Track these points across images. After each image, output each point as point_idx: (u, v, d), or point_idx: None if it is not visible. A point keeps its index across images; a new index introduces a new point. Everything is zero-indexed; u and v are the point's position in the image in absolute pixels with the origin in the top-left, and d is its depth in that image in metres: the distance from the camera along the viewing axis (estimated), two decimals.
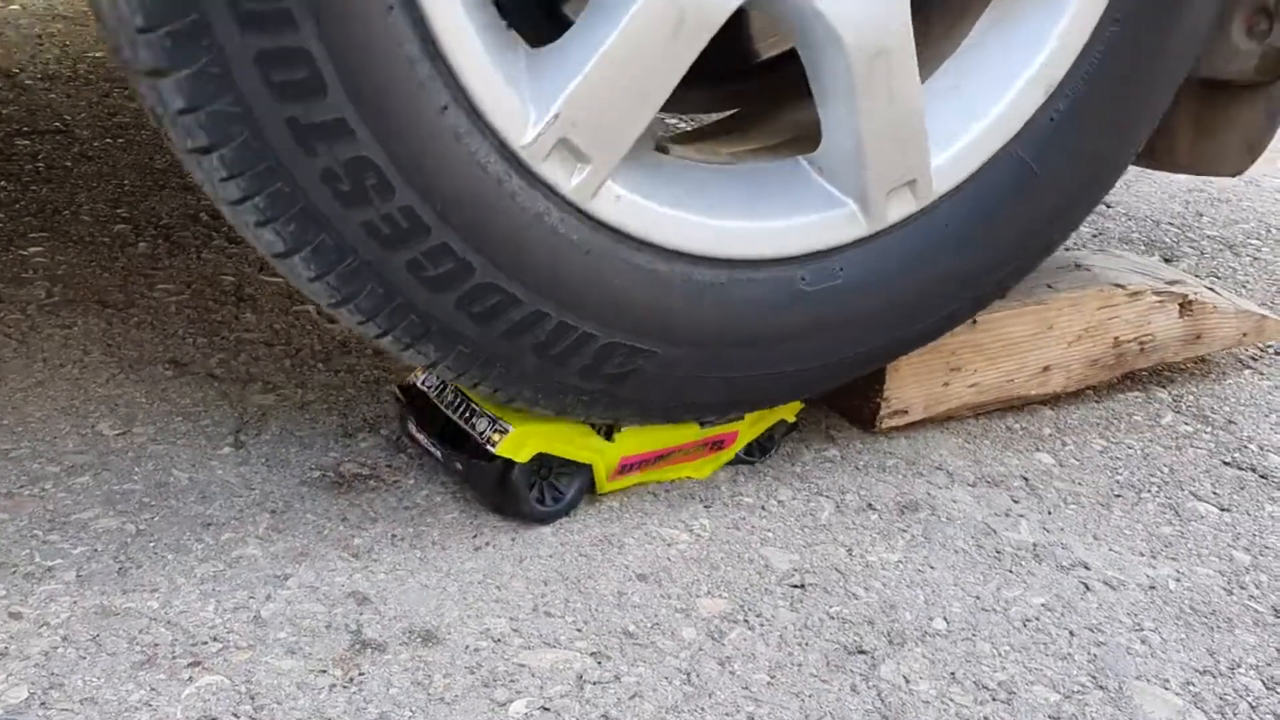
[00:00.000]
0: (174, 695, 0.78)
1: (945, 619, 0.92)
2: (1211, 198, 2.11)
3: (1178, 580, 0.99)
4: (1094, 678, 0.87)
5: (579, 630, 0.87)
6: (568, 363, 0.90)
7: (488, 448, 0.95)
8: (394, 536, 0.96)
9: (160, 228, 1.53)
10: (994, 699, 0.84)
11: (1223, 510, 1.11)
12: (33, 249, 1.45)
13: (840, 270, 0.97)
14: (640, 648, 0.86)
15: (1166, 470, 1.17)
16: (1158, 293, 1.28)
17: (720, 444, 1.07)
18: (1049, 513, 1.08)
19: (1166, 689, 0.86)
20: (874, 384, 1.14)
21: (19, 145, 1.80)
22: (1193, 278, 1.37)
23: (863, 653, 0.87)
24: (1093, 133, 1.04)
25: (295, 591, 0.89)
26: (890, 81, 0.90)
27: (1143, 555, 1.02)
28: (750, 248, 0.93)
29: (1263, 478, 1.17)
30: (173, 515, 0.97)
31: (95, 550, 0.91)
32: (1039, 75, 0.98)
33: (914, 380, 1.15)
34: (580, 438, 0.99)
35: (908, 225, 0.99)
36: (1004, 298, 1.23)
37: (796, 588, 0.94)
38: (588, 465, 0.99)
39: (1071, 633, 0.91)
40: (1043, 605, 0.94)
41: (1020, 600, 0.95)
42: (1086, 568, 1.00)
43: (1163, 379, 1.36)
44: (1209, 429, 1.26)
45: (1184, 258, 1.79)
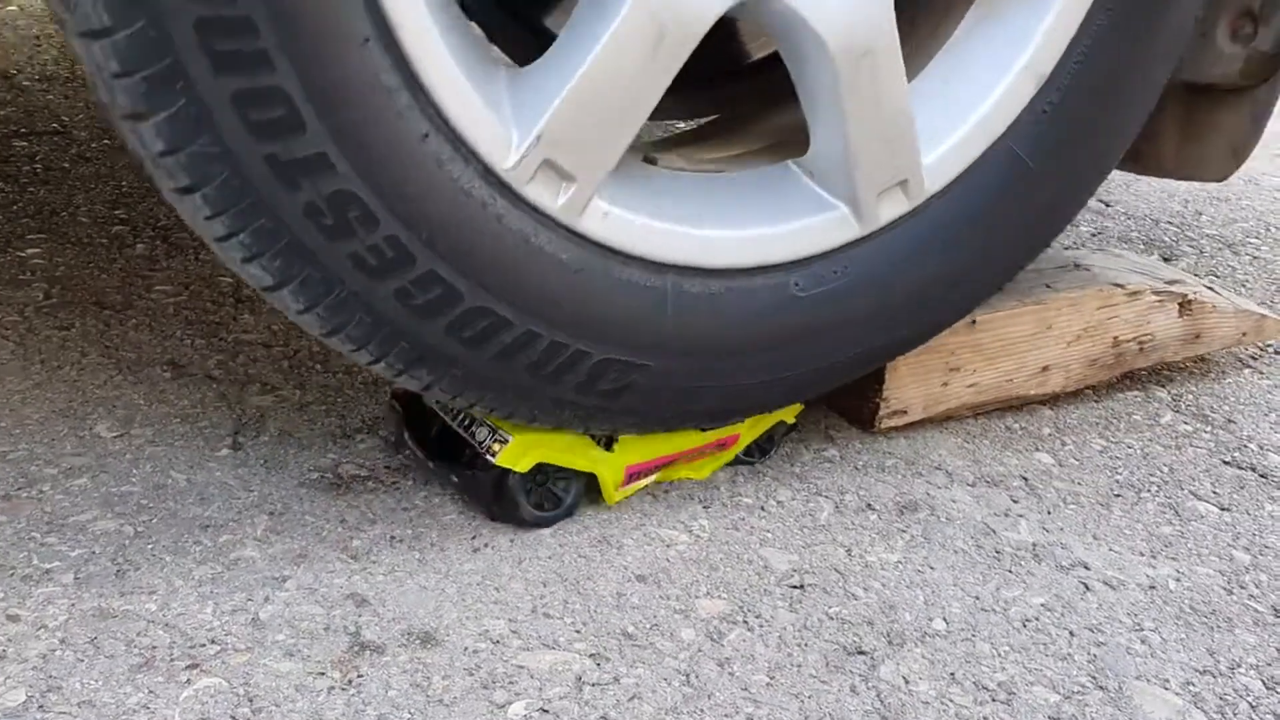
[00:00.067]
0: (172, 698, 0.78)
1: (945, 619, 0.92)
2: (1211, 196, 2.11)
3: (1178, 580, 0.99)
4: (1094, 678, 0.87)
5: (578, 632, 0.87)
6: (562, 380, 0.90)
7: (487, 457, 0.95)
8: (392, 538, 0.96)
9: (158, 229, 1.53)
10: (994, 699, 0.84)
11: (1223, 510, 1.10)
12: (30, 250, 1.45)
13: (834, 274, 0.97)
14: (639, 649, 0.86)
15: (1166, 470, 1.17)
16: (1157, 292, 1.28)
17: (722, 446, 1.07)
18: (1048, 512, 1.08)
19: (1166, 689, 0.86)
20: (873, 384, 1.14)
21: (17, 146, 1.80)
22: (1192, 277, 1.37)
23: (862, 653, 0.87)
24: (1086, 124, 1.03)
25: (293, 593, 0.89)
26: (876, 83, 0.90)
27: (1142, 555, 1.02)
28: (742, 256, 0.93)
29: (1263, 477, 1.17)
30: (171, 517, 0.96)
31: (93, 552, 0.91)
32: (1029, 67, 0.97)
33: (913, 380, 1.15)
34: (581, 447, 0.99)
35: (901, 225, 0.98)
36: (1000, 292, 1.23)
37: (796, 588, 0.94)
38: (587, 471, 0.99)
39: (1071, 633, 0.91)
40: (1042, 605, 0.94)
41: (1020, 600, 0.95)
42: (1086, 568, 0.99)
43: (1162, 378, 1.36)
44: (1209, 428, 1.26)
45: (1183, 257, 1.79)
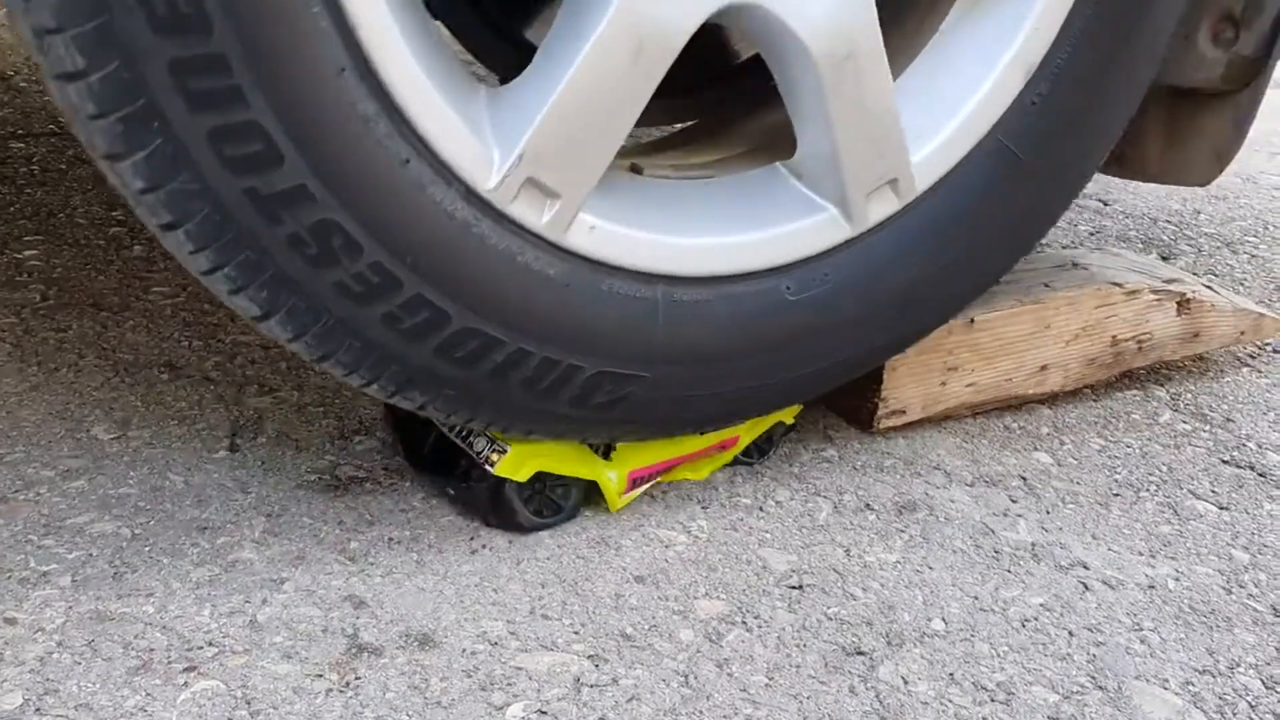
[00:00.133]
0: (169, 700, 0.77)
1: (944, 619, 0.91)
2: (1209, 195, 2.11)
3: (1177, 579, 0.99)
4: (1093, 678, 0.86)
5: (576, 633, 0.87)
6: (557, 395, 0.90)
7: (486, 468, 0.95)
8: (390, 540, 0.96)
9: None
10: (993, 700, 0.83)
11: (1221, 509, 1.10)
12: (28, 252, 1.44)
13: (826, 276, 0.96)
14: (638, 650, 0.86)
15: (1165, 469, 1.17)
16: (1155, 291, 1.28)
17: (723, 447, 1.06)
18: (1047, 512, 1.07)
19: (1166, 689, 0.86)
20: (871, 384, 1.14)
21: (14, 148, 1.80)
22: (1190, 276, 1.37)
23: (861, 654, 0.87)
24: (1075, 115, 1.02)
25: (291, 595, 0.88)
26: (861, 84, 0.89)
27: (1141, 554, 1.02)
28: (732, 263, 0.92)
29: (1261, 476, 1.17)
30: (168, 519, 0.96)
31: (90, 555, 0.91)
32: (1017, 59, 0.96)
33: (911, 380, 1.15)
34: (581, 454, 0.98)
35: (892, 223, 0.98)
36: (998, 291, 1.23)
37: (794, 589, 0.94)
38: (589, 479, 0.99)
39: (1070, 633, 0.91)
40: (1041, 605, 0.94)
41: (1019, 600, 0.94)
42: (1085, 567, 0.99)
43: (1161, 377, 1.36)
44: (1207, 427, 1.26)
45: (1182, 255, 1.78)
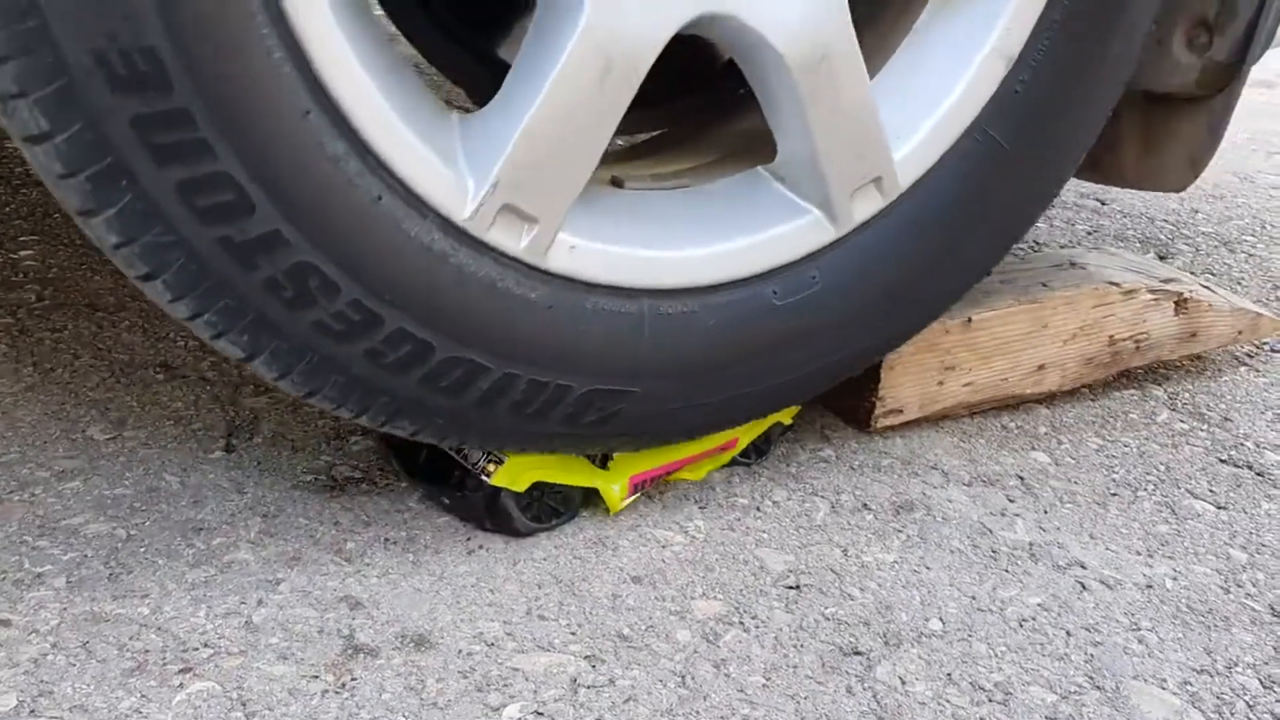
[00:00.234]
0: (165, 702, 0.77)
1: (941, 619, 0.91)
2: (1206, 194, 2.11)
3: (1175, 579, 0.99)
4: (1091, 678, 0.86)
5: (573, 633, 0.87)
6: (548, 416, 0.89)
7: (482, 478, 0.94)
8: (386, 540, 0.96)
9: None
10: (990, 700, 0.83)
11: (1219, 508, 1.10)
12: (23, 252, 1.44)
13: (813, 278, 0.95)
14: (635, 651, 0.85)
15: (1163, 468, 1.16)
16: (1153, 291, 1.27)
17: (722, 449, 1.06)
18: (1045, 512, 1.07)
19: (1164, 688, 0.86)
20: (868, 384, 1.14)
21: (8, 148, 1.79)
22: (1188, 276, 1.37)
23: (858, 654, 0.87)
24: (1059, 102, 1.01)
25: (287, 596, 0.88)
26: (837, 86, 0.88)
27: (1139, 554, 1.02)
28: (716, 271, 0.92)
29: (1259, 475, 1.16)
30: (164, 520, 0.96)
31: (85, 556, 0.91)
32: (997, 49, 0.95)
33: (908, 380, 1.15)
34: (579, 463, 0.98)
35: (878, 222, 0.97)
36: (995, 291, 1.23)
37: (792, 589, 0.94)
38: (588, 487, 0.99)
39: (1068, 633, 0.91)
40: (1039, 605, 0.94)
41: (1016, 600, 0.94)
42: (1083, 567, 0.99)
43: (1158, 376, 1.36)
44: (1205, 426, 1.25)
45: (1179, 254, 1.78)
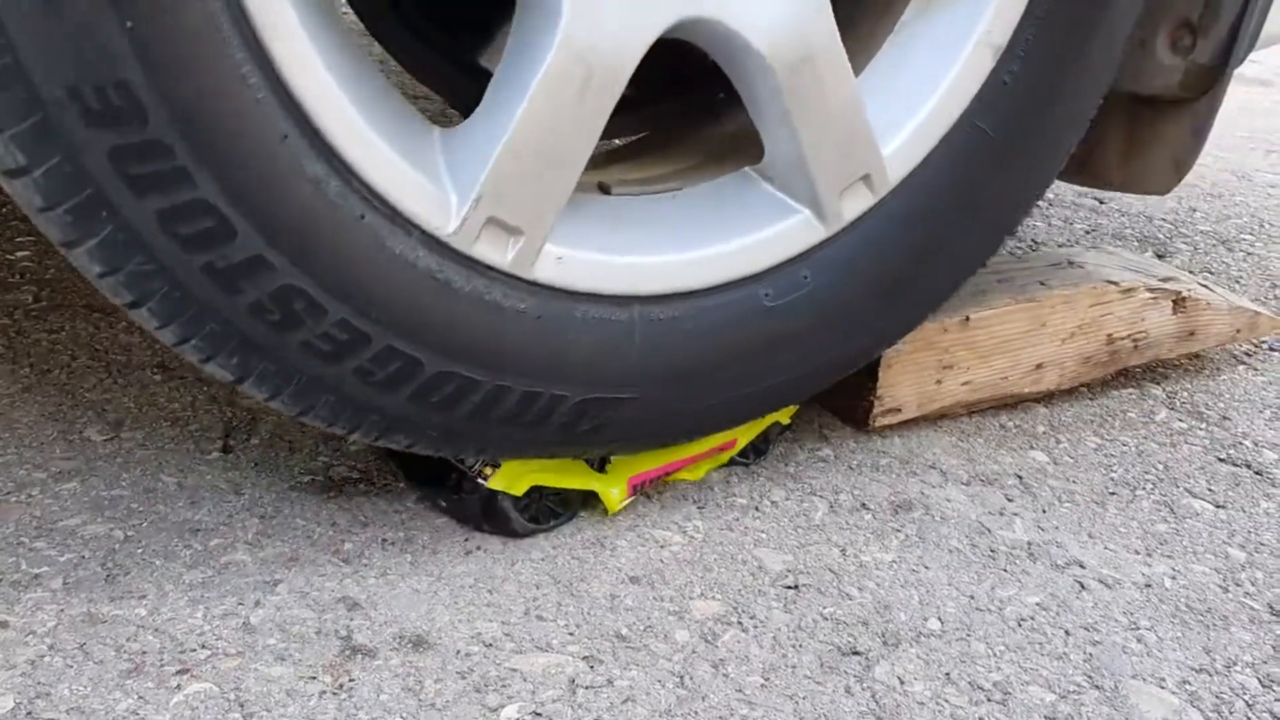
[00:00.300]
0: (162, 703, 0.77)
1: (940, 619, 0.91)
2: (1204, 193, 2.11)
3: (1173, 578, 0.99)
4: (1090, 677, 0.86)
5: (571, 634, 0.86)
6: (543, 425, 0.89)
7: (479, 481, 0.94)
8: (384, 541, 0.96)
9: None
10: (989, 699, 0.83)
11: (1218, 507, 1.10)
12: (20, 253, 1.44)
13: (805, 278, 0.95)
14: (633, 651, 0.85)
15: (1161, 467, 1.16)
16: (1151, 289, 1.27)
17: (721, 449, 1.06)
18: (1043, 511, 1.07)
19: (1163, 688, 0.86)
20: (866, 383, 1.14)
21: None
22: (1186, 274, 1.37)
23: (857, 654, 0.87)
24: (1049, 91, 1.00)
25: (285, 597, 0.88)
26: (821, 85, 0.88)
27: (1138, 553, 1.02)
28: (706, 275, 0.91)
29: (1257, 474, 1.16)
30: (161, 521, 0.96)
31: (82, 557, 0.91)
32: (984, 40, 0.94)
33: (906, 378, 1.15)
34: (576, 466, 0.98)
35: (869, 219, 0.96)
36: (993, 289, 1.23)
37: (790, 589, 0.93)
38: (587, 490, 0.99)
39: (1067, 632, 0.91)
40: (1038, 604, 0.94)
41: (1015, 600, 0.94)
42: (1081, 566, 0.99)
43: (1157, 375, 1.36)
44: (1203, 425, 1.25)
45: (1177, 253, 1.78)
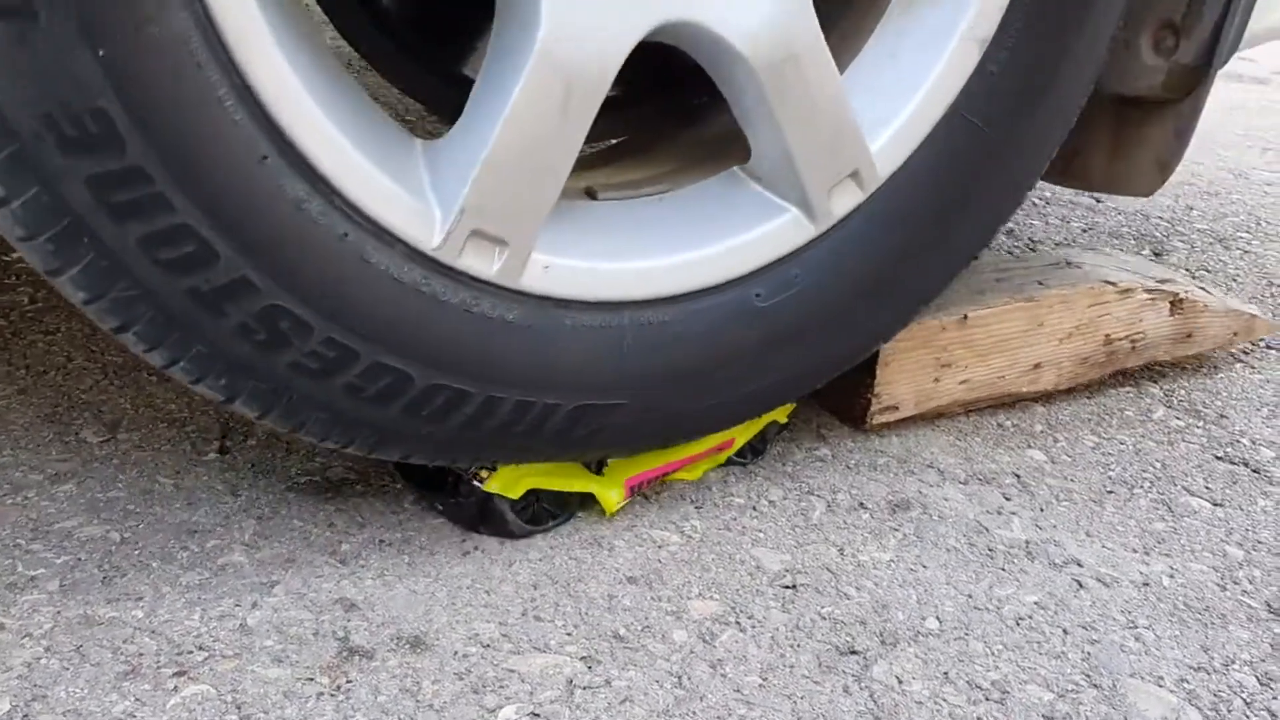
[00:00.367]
0: (159, 705, 0.77)
1: (938, 618, 0.91)
2: (1201, 191, 2.11)
3: (1171, 576, 0.99)
4: (1088, 676, 0.86)
5: (569, 634, 0.86)
6: (539, 433, 0.89)
7: (475, 484, 0.94)
8: (381, 542, 0.95)
9: None
10: (987, 698, 0.83)
11: (1215, 505, 1.10)
12: (14, 255, 1.44)
13: (796, 277, 0.95)
14: (631, 651, 0.85)
15: (1159, 465, 1.16)
16: (1148, 290, 1.28)
17: (719, 449, 1.06)
18: (1041, 510, 1.07)
19: (1161, 686, 0.86)
20: (864, 380, 1.14)
21: None
22: (1183, 276, 1.37)
23: (855, 653, 0.87)
24: (1037, 82, 0.99)
25: (282, 599, 0.88)
26: (806, 84, 0.88)
27: (1136, 552, 1.02)
28: (696, 278, 0.91)
29: (1255, 472, 1.16)
30: (157, 523, 0.96)
31: (79, 559, 0.90)
32: (969, 33, 0.94)
33: (904, 376, 1.15)
34: (573, 468, 0.98)
35: (859, 215, 0.96)
36: (990, 289, 1.22)
37: (788, 588, 0.93)
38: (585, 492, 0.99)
39: (1065, 631, 0.91)
40: (1036, 603, 0.94)
41: (1013, 598, 0.94)
42: (1079, 565, 0.99)
43: (1154, 374, 1.36)
44: (1201, 423, 1.25)
45: (1175, 251, 1.78)
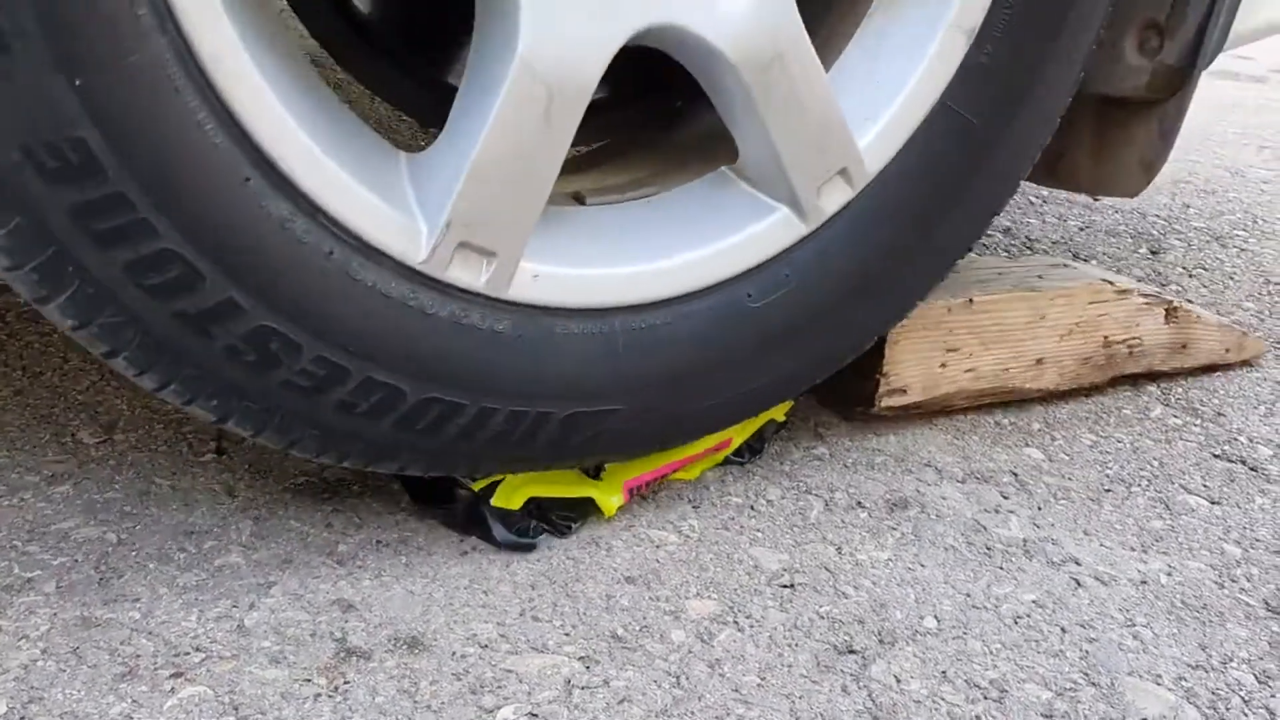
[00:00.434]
0: (156, 707, 0.77)
1: (936, 617, 0.91)
2: (1198, 189, 2.11)
3: (1169, 575, 0.99)
4: (1086, 674, 0.86)
5: (567, 635, 0.86)
6: (533, 442, 0.89)
7: (461, 490, 0.94)
8: (379, 542, 0.95)
9: None
10: (986, 697, 0.83)
11: (1213, 503, 1.10)
12: None
13: (787, 276, 0.95)
14: (629, 651, 0.85)
15: (1156, 464, 1.16)
16: (1144, 295, 1.29)
17: (716, 449, 1.06)
18: (1039, 508, 1.07)
19: (1159, 684, 0.86)
20: (872, 361, 1.13)
21: None
22: (1173, 296, 1.38)
23: (853, 652, 0.87)
24: (1027, 72, 0.99)
25: (279, 599, 0.88)
26: (791, 83, 0.88)
27: (1133, 550, 1.02)
28: (686, 281, 0.91)
29: (1252, 470, 1.16)
30: (154, 524, 0.95)
31: (75, 561, 0.90)
32: (955, 24, 0.94)
33: (912, 358, 1.15)
34: (571, 475, 0.98)
35: (849, 211, 0.96)
36: (990, 280, 1.23)
37: (786, 588, 0.93)
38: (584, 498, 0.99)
39: (1063, 629, 0.91)
40: (1034, 602, 0.94)
41: (1011, 597, 0.94)
42: (1077, 563, 0.99)
43: (1152, 372, 1.36)
44: (1198, 421, 1.25)
45: (1171, 250, 1.79)
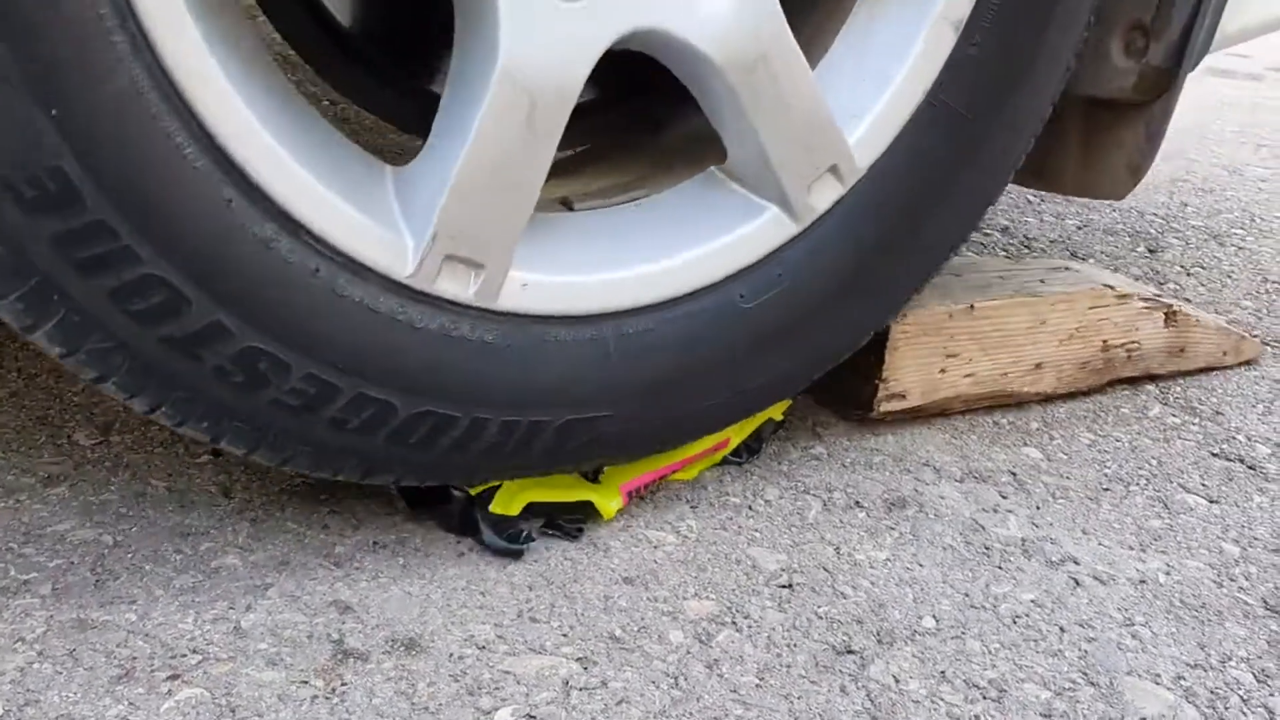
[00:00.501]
0: (153, 709, 0.76)
1: (934, 617, 0.91)
2: (1195, 188, 2.11)
3: (1167, 574, 0.99)
4: (1085, 674, 0.86)
5: (565, 636, 0.86)
6: (529, 449, 0.89)
7: (456, 492, 0.94)
8: (376, 544, 0.95)
9: None
10: (985, 697, 0.83)
11: (1211, 502, 1.10)
12: None
13: (779, 276, 0.94)
14: (627, 652, 0.85)
15: (1155, 463, 1.16)
16: (1144, 299, 1.29)
17: (714, 450, 1.06)
18: (1037, 508, 1.07)
19: (1158, 683, 0.86)
20: (872, 365, 1.13)
21: None
22: (1172, 298, 1.38)
23: (852, 653, 0.86)
24: (1016, 62, 0.98)
25: (276, 601, 0.87)
26: (777, 83, 0.87)
27: (1132, 549, 1.02)
28: (677, 284, 0.90)
29: (1251, 469, 1.16)
30: (150, 525, 0.95)
31: (72, 563, 0.90)
32: (944, 14, 0.93)
33: (912, 363, 1.14)
34: (569, 479, 0.98)
35: (840, 208, 0.95)
36: (990, 285, 1.23)
37: (784, 588, 0.93)
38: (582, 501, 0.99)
39: (1062, 629, 0.91)
40: (1032, 601, 0.94)
41: (1010, 597, 0.94)
42: (1076, 563, 0.99)
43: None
44: (1196, 420, 1.25)
45: (1169, 248, 1.79)
